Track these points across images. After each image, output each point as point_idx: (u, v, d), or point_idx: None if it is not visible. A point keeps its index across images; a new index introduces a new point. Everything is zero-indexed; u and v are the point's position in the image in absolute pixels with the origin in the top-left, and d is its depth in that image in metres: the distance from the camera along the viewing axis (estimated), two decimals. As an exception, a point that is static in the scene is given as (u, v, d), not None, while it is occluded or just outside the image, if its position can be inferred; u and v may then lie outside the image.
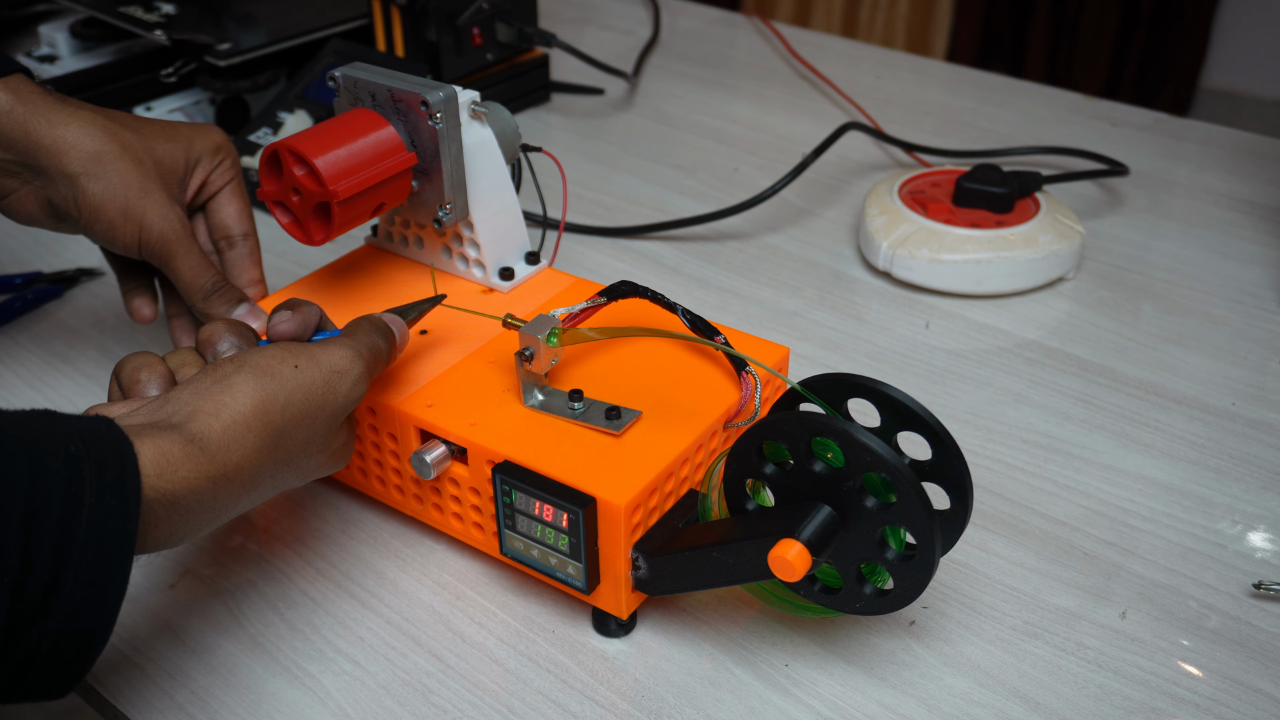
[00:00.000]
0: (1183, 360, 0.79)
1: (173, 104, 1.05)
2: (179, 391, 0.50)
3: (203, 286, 0.65)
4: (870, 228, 0.88)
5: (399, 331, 0.59)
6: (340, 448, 0.57)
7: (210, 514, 0.49)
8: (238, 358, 0.52)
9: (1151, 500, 0.67)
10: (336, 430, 0.56)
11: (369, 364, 0.56)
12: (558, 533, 0.55)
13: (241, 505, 0.51)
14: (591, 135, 1.11)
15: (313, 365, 0.53)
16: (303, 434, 0.53)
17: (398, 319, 0.60)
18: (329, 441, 0.55)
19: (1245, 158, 1.06)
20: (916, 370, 0.78)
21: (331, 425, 0.54)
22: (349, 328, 0.58)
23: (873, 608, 0.53)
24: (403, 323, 0.60)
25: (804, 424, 0.50)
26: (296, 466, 0.54)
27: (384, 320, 0.59)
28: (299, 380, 0.52)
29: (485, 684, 0.57)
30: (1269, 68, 2.73)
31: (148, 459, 0.46)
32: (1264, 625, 0.59)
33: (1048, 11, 2.73)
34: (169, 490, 0.46)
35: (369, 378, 0.56)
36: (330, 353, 0.54)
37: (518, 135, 0.70)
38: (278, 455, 0.52)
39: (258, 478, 0.51)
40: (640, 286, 0.62)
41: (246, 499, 0.51)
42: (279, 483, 0.53)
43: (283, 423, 0.51)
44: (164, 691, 0.57)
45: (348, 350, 0.55)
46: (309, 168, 0.60)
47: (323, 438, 0.54)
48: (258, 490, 0.52)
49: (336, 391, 0.54)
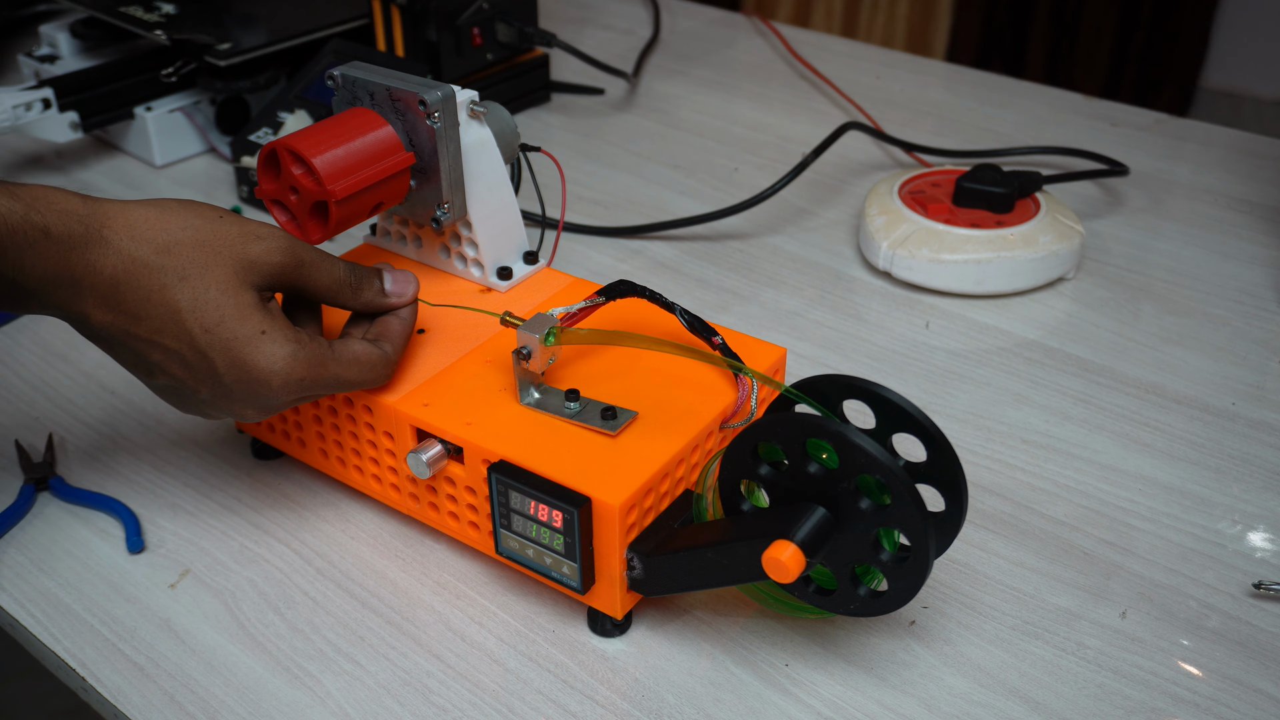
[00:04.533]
0: (1183, 360, 0.79)
1: (173, 104, 1.05)
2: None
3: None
4: (870, 228, 0.88)
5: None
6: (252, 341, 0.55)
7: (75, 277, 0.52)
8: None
9: (1151, 500, 0.67)
10: (239, 298, 0.55)
11: (298, 249, 0.57)
12: (553, 532, 0.55)
13: (115, 297, 0.53)
14: (591, 135, 1.11)
15: (236, 220, 0.56)
16: (196, 257, 0.54)
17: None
18: (226, 298, 0.55)
19: (1245, 158, 1.06)
20: (916, 370, 0.78)
21: (231, 276, 0.55)
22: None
23: (868, 609, 0.53)
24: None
25: (799, 425, 0.50)
26: (187, 297, 0.54)
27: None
28: (219, 216, 0.56)
29: (485, 684, 0.57)
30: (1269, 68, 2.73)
31: (26, 189, 0.51)
32: (1264, 625, 0.59)
33: (1048, 11, 2.73)
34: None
35: (295, 255, 0.57)
36: (257, 223, 0.57)
37: (516, 135, 0.70)
38: (162, 258, 0.53)
39: (136, 273, 0.53)
40: (638, 286, 0.62)
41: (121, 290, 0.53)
42: (166, 315, 0.54)
43: (179, 231, 0.54)
44: (164, 691, 0.57)
45: (279, 231, 0.58)
46: (307, 167, 0.60)
47: (219, 288, 0.54)
48: (132, 291, 0.53)
49: (248, 246, 0.55)
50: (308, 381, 0.56)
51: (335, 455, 0.65)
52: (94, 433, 0.73)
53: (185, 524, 0.66)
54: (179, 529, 0.66)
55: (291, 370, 0.55)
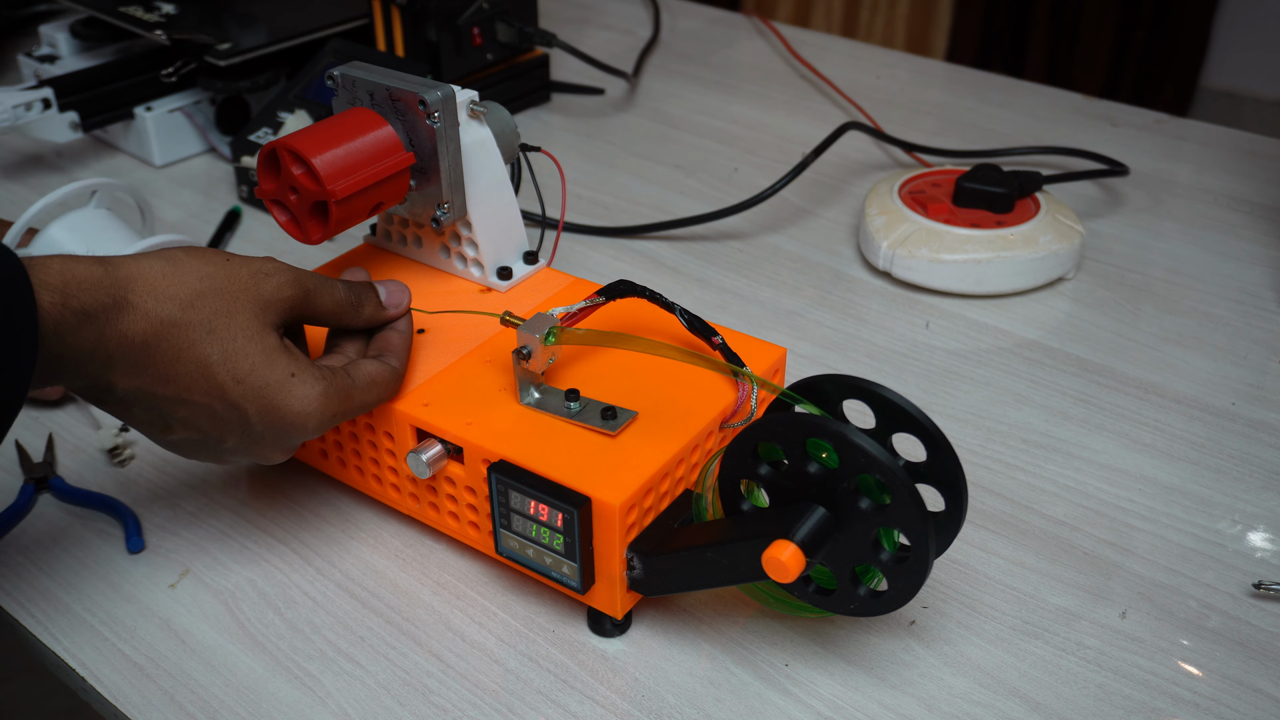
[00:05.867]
0: (1183, 360, 0.79)
1: (173, 104, 1.05)
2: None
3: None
4: (870, 228, 0.88)
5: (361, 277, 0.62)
6: (268, 359, 0.55)
7: (106, 351, 0.51)
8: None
9: (1151, 500, 0.67)
10: (265, 342, 0.55)
11: (302, 278, 0.57)
12: (553, 532, 0.55)
13: (143, 361, 0.52)
14: (591, 135, 1.11)
15: (241, 261, 0.56)
16: (219, 306, 0.54)
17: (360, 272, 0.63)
18: (253, 345, 0.54)
19: (1245, 158, 1.06)
20: (916, 370, 0.78)
21: (253, 321, 0.55)
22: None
23: (867, 609, 0.53)
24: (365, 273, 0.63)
25: (799, 425, 0.50)
26: (214, 350, 0.53)
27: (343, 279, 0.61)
28: (226, 260, 0.56)
29: (485, 684, 0.57)
30: (1269, 68, 2.73)
31: (53, 270, 0.50)
32: (1264, 625, 0.59)
33: (1048, 11, 2.73)
34: (67, 298, 0.50)
35: (301, 284, 0.57)
36: (259, 259, 0.57)
37: (516, 135, 0.70)
38: (188, 313, 0.53)
39: (165, 333, 0.52)
40: (638, 286, 0.62)
41: (150, 358, 0.52)
42: (187, 374, 0.53)
43: (197, 283, 0.54)
44: (164, 691, 0.57)
45: (281, 264, 0.58)
46: (307, 167, 0.60)
47: (245, 335, 0.54)
48: (161, 352, 0.52)
49: (260, 286, 0.55)
50: (339, 415, 0.57)
51: (335, 456, 0.65)
52: (94, 432, 0.73)
53: (185, 524, 0.66)
54: (179, 529, 0.66)
55: (325, 408, 0.56)
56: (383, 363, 0.59)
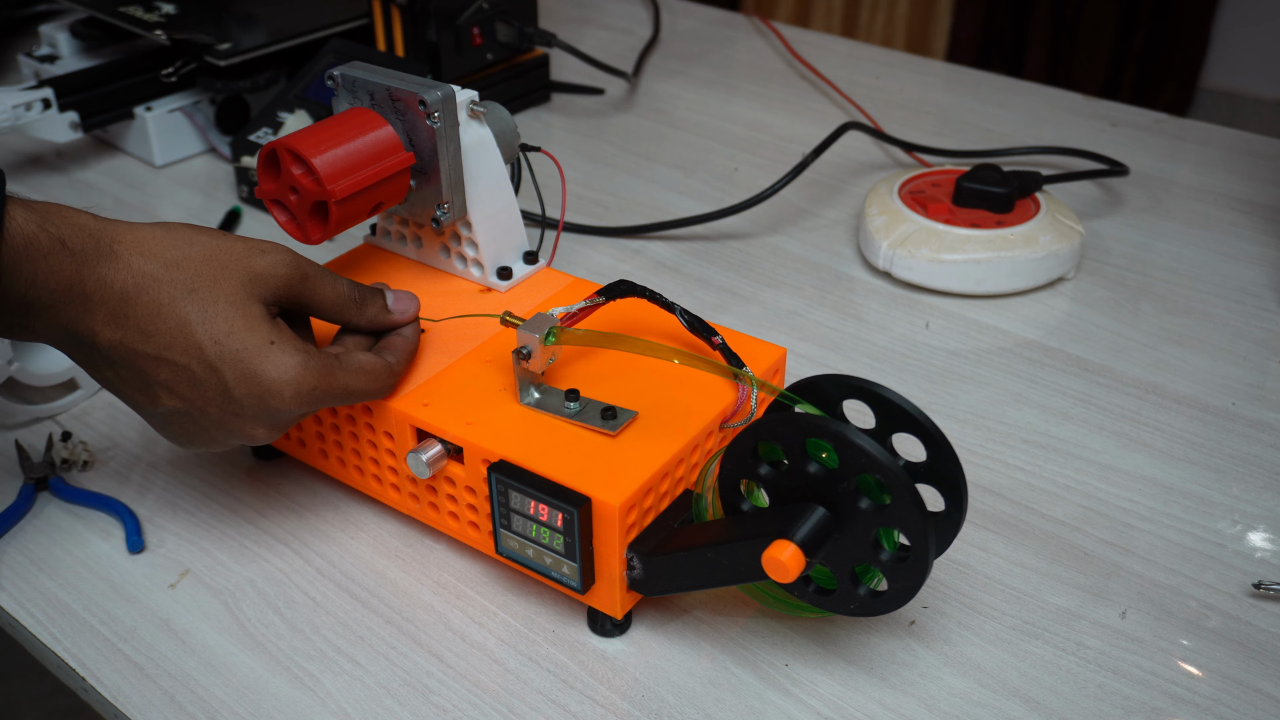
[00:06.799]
0: (1183, 360, 0.79)
1: (173, 104, 1.05)
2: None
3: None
4: (870, 228, 0.88)
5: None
6: (253, 336, 0.55)
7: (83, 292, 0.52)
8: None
9: (1151, 500, 0.67)
10: (247, 310, 0.55)
11: (302, 263, 0.58)
12: (553, 532, 0.55)
13: (118, 318, 0.53)
14: (591, 135, 1.11)
15: (241, 238, 0.57)
16: (204, 270, 0.55)
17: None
18: (235, 310, 0.55)
19: (1245, 158, 1.06)
20: (916, 370, 0.78)
21: (239, 289, 0.55)
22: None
23: (867, 609, 0.53)
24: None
25: (798, 425, 0.50)
26: (195, 310, 0.54)
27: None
28: (224, 235, 0.57)
29: (485, 684, 0.57)
30: (1269, 68, 2.72)
31: (40, 204, 0.52)
32: (1264, 625, 0.59)
33: (1048, 11, 2.73)
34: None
35: (299, 269, 0.58)
36: (261, 240, 0.58)
37: (516, 135, 0.70)
38: (172, 272, 0.54)
39: (145, 286, 0.53)
40: (638, 286, 0.62)
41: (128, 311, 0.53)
42: (170, 331, 0.54)
43: (186, 247, 0.55)
44: (164, 691, 0.57)
45: (283, 247, 0.58)
46: (306, 167, 0.60)
47: (227, 300, 0.54)
48: (141, 304, 0.53)
49: (253, 260, 0.56)
50: (319, 391, 0.56)
51: (335, 455, 0.65)
52: (94, 432, 0.73)
53: (185, 524, 0.66)
54: (179, 529, 0.66)
55: (303, 379, 0.55)
56: (379, 356, 0.59)
